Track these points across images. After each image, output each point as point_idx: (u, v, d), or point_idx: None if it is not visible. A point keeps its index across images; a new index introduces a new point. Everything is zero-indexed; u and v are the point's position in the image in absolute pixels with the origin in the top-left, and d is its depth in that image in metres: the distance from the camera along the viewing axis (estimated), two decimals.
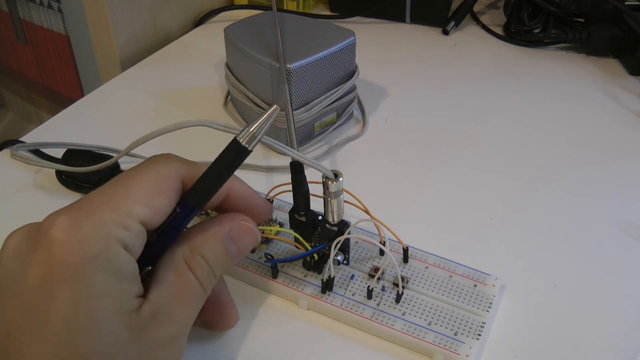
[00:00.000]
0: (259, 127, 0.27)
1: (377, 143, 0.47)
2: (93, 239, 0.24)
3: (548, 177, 0.44)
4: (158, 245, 0.27)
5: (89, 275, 0.23)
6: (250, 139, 0.27)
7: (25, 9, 0.66)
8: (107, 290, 0.23)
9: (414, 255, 0.35)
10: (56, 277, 0.23)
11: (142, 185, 0.26)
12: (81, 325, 0.23)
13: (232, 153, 0.27)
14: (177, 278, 0.26)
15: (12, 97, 0.80)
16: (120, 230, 0.24)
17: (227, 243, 0.28)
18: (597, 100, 0.53)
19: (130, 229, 0.25)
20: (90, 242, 0.24)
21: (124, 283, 0.24)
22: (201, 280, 0.27)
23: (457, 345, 0.30)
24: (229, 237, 0.28)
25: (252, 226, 0.29)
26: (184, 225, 0.28)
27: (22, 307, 0.23)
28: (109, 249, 0.24)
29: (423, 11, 0.64)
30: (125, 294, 0.24)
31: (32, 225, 0.25)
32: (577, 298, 0.34)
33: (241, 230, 0.29)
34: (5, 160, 0.44)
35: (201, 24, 0.65)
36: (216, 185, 0.27)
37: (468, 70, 0.58)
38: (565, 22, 0.63)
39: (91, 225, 0.24)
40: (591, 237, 0.39)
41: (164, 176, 0.27)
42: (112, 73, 0.58)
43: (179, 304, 0.26)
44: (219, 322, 0.31)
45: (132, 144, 0.33)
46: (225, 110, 0.50)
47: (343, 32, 0.46)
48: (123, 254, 0.24)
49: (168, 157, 0.28)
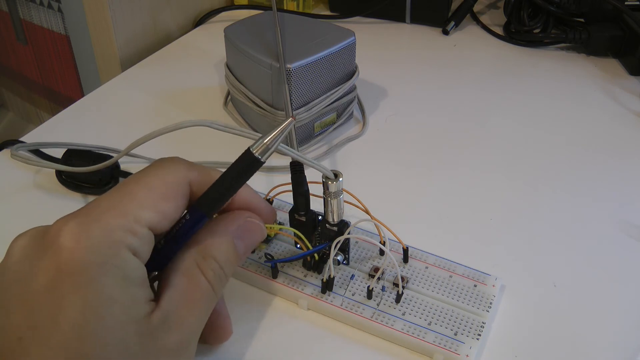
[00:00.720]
0: (273, 139, 0.27)
1: (377, 143, 0.47)
2: (101, 246, 0.24)
3: (548, 177, 0.44)
4: (166, 250, 0.27)
5: (97, 282, 0.23)
6: (264, 151, 0.27)
7: (25, 9, 0.66)
8: (116, 296, 0.23)
9: (414, 255, 0.35)
10: (64, 284, 0.23)
11: (149, 190, 0.26)
12: (91, 333, 0.23)
13: (245, 163, 0.27)
14: (188, 282, 0.26)
15: (12, 97, 0.80)
16: (127, 236, 0.24)
17: (235, 242, 0.28)
18: (597, 100, 0.53)
19: (138, 234, 0.25)
20: (98, 249, 0.23)
21: (133, 289, 0.24)
22: (212, 283, 0.27)
23: (457, 345, 0.30)
24: (237, 236, 0.28)
25: (258, 222, 0.30)
26: (193, 232, 0.28)
27: (29, 312, 0.23)
28: (117, 255, 0.24)
29: (423, 11, 0.64)
30: (134, 300, 0.24)
31: (39, 229, 0.25)
32: (577, 298, 0.34)
33: (248, 227, 0.29)
34: (5, 160, 0.44)
35: (201, 24, 0.65)
36: (228, 193, 0.28)
37: (468, 70, 0.58)
38: (565, 22, 0.63)
39: (99, 232, 0.24)
40: (591, 237, 0.39)
41: (171, 180, 0.27)
42: (112, 73, 0.58)
43: (190, 310, 0.26)
44: (212, 334, 0.31)
45: (132, 144, 0.33)
46: (225, 110, 0.50)
47: (343, 32, 0.46)
48: (131, 259, 0.24)
49: (175, 161, 0.28)
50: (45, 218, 0.26)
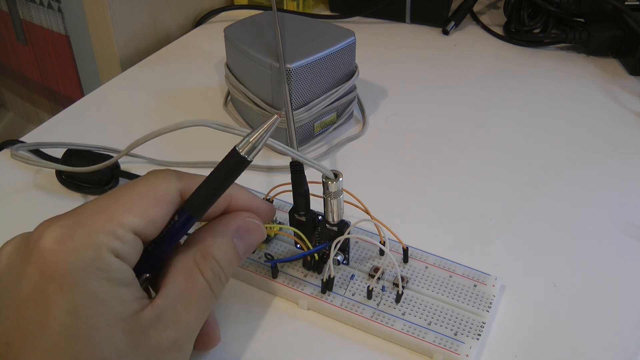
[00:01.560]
0: (259, 137, 0.27)
1: (377, 143, 0.47)
2: (83, 248, 0.24)
3: (548, 177, 0.44)
4: (156, 252, 0.27)
5: (81, 284, 0.23)
6: (250, 149, 0.27)
7: (25, 9, 0.66)
8: (101, 297, 0.23)
9: (414, 255, 0.35)
10: (50, 287, 0.23)
11: (136, 196, 0.26)
12: (79, 334, 0.23)
13: (231, 163, 0.27)
14: (186, 281, 0.26)
15: (12, 97, 0.81)
16: (111, 239, 0.24)
17: (235, 242, 0.28)
18: (597, 100, 0.53)
19: (122, 238, 0.25)
20: (80, 251, 0.24)
21: (119, 289, 0.24)
22: (211, 283, 0.27)
23: (457, 345, 0.30)
24: (237, 236, 0.28)
25: (258, 222, 0.30)
26: (182, 233, 0.27)
27: (18, 317, 0.23)
28: (100, 257, 0.24)
29: (423, 11, 0.64)
30: (120, 300, 0.24)
31: (24, 235, 0.25)
32: (577, 298, 0.34)
33: (248, 227, 0.29)
34: (5, 160, 0.44)
35: (201, 24, 0.65)
36: (215, 194, 0.27)
37: (468, 70, 0.58)
38: (565, 22, 0.63)
39: (81, 234, 0.24)
40: (591, 237, 0.39)
41: (161, 188, 0.27)
42: (112, 73, 0.58)
43: (186, 308, 0.26)
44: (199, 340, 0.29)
45: (132, 144, 0.33)
46: (225, 110, 0.50)
47: (343, 32, 0.46)
48: (115, 261, 0.24)
49: (166, 172, 0.28)
50: (45, 218, 0.26)
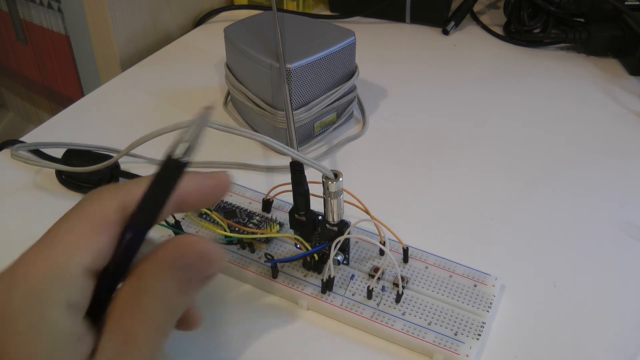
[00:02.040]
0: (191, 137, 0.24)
1: (377, 143, 0.47)
2: (27, 310, 0.21)
3: (548, 177, 0.44)
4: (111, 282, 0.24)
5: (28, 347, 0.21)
6: (186, 152, 0.24)
7: (25, 9, 0.66)
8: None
9: (414, 255, 0.35)
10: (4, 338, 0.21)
11: (76, 232, 0.24)
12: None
13: (170, 170, 0.25)
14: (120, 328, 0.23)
15: (12, 97, 0.81)
16: (56, 291, 0.22)
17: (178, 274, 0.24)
18: (597, 100, 0.53)
19: (70, 284, 0.22)
20: (24, 314, 0.21)
21: (67, 349, 0.22)
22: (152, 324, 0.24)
23: (457, 345, 0.30)
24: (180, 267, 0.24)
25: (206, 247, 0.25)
26: (134, 252, 0.25)
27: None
28: (45, 317, 0.22)
29: (423, 11, 0.64)
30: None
31: None
32: (577, 298, 0.34)
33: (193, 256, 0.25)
34: (5, 160, 0.44)
35: (201, 24, 0.65)
36: (160, 203, 0.25)
37: (468, 70, 0.58)
38: (565, 22, 0.63)
39: (22, 294, 0.22)
40: (591, 237, 0.39)
41: (99, 213, 0.24)
42: (112, 73, 0.58)
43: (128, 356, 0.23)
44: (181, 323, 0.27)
45: (132, 144, 0.33)
46: (225, 110, 0.50)
47: (343, 32, 0.46)
48: (61, 319, 0.22)
49: (100, 192, 0.26)
50: (45, 218, 0.26)
